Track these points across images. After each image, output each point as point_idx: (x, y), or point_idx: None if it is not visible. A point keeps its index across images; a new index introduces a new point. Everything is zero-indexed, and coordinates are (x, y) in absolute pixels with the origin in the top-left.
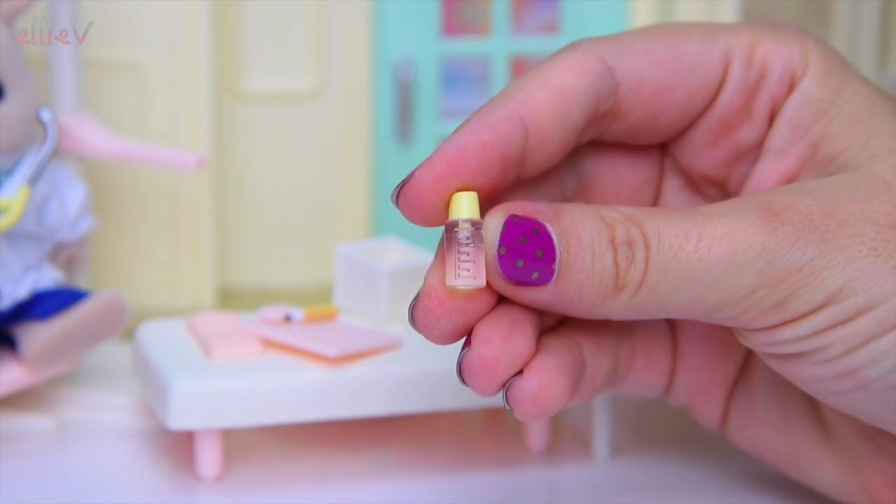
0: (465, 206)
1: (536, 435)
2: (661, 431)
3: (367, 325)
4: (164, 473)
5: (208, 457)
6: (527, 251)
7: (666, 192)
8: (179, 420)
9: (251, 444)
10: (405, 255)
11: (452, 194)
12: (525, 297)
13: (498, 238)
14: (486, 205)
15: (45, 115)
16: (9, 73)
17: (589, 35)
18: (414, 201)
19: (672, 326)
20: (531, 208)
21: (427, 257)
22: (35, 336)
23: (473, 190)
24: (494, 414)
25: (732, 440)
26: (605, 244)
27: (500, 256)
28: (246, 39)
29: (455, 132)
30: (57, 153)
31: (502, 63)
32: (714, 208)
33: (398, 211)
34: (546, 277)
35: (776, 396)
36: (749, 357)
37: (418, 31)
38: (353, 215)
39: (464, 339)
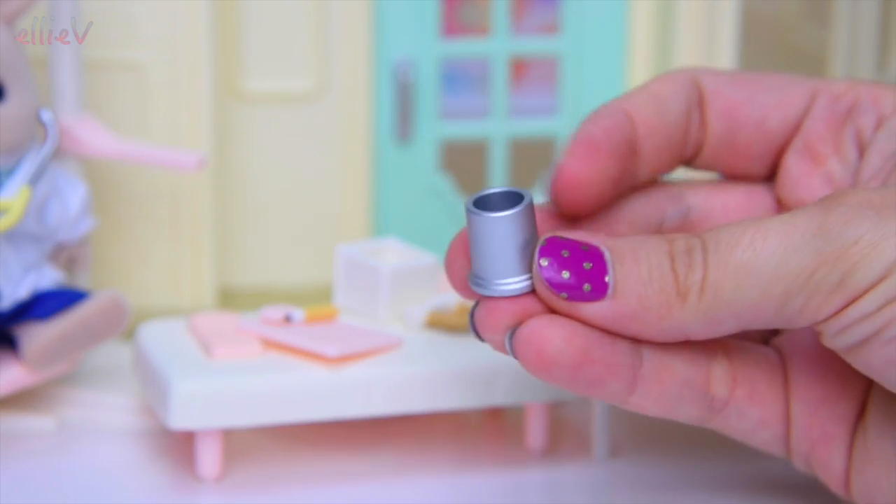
0: None
1: (536, 435)
2: (660, 431)
3: (367, 325)
4: (165, 474)
5: (208, 457)
6: (571, 263)
7: None
8: (180, 420)
9: (251, 445)
10: (405, 255)
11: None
12: (585, 314)
13: (538, 251)
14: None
15: (46, 116)
16: (9, 74)
17: (589, 36)
18: (568, 183)
19: (782, 359)
20: (580, 234)
21: (427, 257)
22: (36, 336)
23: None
24: (494, 414)
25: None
26: (663, 255)
27: (542, 268)
28: (246, 40)
29: (576, 130)
30: (57, 153)
31: (502, 63)
32: (777, 216)
33: (556, 204)
34: (600, 290)
35: (890, 431)
36: (868, 393)
37: (418, 32)
38: (353, 215)
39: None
